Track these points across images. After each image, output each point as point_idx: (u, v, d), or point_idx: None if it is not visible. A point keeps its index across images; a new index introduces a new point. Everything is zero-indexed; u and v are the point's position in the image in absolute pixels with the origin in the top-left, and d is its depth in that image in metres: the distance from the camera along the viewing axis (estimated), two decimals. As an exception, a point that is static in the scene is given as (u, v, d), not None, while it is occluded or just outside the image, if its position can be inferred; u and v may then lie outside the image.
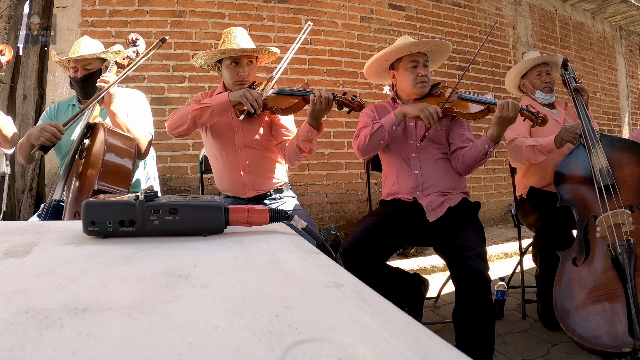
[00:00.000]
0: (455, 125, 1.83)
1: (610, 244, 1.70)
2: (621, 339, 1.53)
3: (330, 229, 0.65)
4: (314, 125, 1.64)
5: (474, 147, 1.72)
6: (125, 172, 1.62)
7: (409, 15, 4.01)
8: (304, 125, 1.66)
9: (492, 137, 1.68)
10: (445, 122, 1.84)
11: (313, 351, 0.25)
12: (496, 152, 4.43)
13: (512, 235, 3.52)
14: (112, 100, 1.65)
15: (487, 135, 1.69)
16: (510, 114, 1.62)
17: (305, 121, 1.65)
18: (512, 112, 1.61)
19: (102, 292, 0.35)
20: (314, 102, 1.59)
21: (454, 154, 1.79)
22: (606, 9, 5.60)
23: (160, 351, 0.25)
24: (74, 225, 0.63)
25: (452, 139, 1.82)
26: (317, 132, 1.65)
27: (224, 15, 3.34)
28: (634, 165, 1.84)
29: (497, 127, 1.66)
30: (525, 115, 1.69)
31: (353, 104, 1.64)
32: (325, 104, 1.59)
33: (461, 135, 1.81)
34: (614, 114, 5.92)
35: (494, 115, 1.67)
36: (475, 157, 1.71)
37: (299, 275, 0.41)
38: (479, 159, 1.71)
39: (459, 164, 1.77)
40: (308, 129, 1.64)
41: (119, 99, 1.69)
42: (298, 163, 1.82)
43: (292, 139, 1.77)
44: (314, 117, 1.62)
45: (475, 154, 1.71)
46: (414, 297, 1.93)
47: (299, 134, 1.69)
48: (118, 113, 1.68)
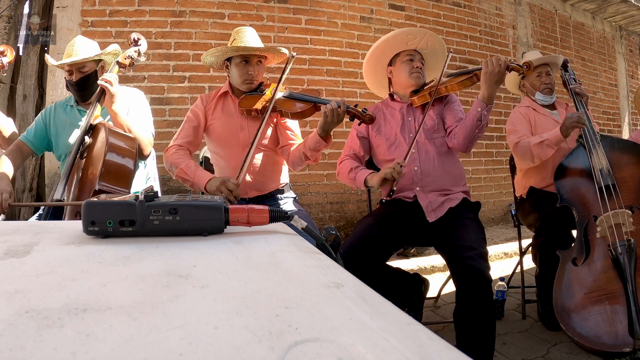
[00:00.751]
0: (448, 110, 1.85)
1: (610, 244, 1.70)
2: (621, 338, 1.53)
3: (330, 229, 0.65)
4: (323, 137, 1.63)
5: (468, 115, 1.70)
6: (126, 172, 1.62)
7: (409, 15, 4.01)
8: (313, 135, 1.66)
9: (483, 99, 1.64)
10: (439, 109, 1.86)
11: (313, 351, 0.25)
12: (496, 152, 4.45)
13: (512, 235, 3.52)
14: (114, 100, 1.64)
15: (479, 97, 1.65)
16: (496, 69, 1.59)
17: (315, 131, 1.64)
18: (497, 66, 1.59)
19: (102, 292, 0.35)
20: (325, 114, 1.58)
21: (451, 133, 1.78)
22: (606, 9, 5.60)
23: (160, 351, 0.25)
24: (74, 225, 0.63)
25: (447, 122, 1.82)
26: (325, 143, 1.65)
27: (224, 15, 3.34)
28: (634, 166, 1.85)
29: (486, 86, 1.62)
30: (512, 68, 1.65)
31: (364, 117, 1.64)
32: (337, 117, 1.58)
33: (455, 117, 1.81)
34: (614, 114, 5.92)
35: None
36: (470, 125, 1.67)
37: (299, 275, 0.41)
38: (474, 126, 1.67)
39: (455, 139, 1.74)
40: (317, 140, 1.64)
41: (120, 99, 1.68)
42: (300, 168, 1.83)
43: (298, 145, 1.76)
44: (324, 130, 1.61)
45: (470, 121, 1.67)
46: (414, 297, 1.93)
47: (308, 142, 1.68)
48: (119, 113, 1.67)
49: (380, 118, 1.89)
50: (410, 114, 1.86)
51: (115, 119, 1.68)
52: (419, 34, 1.85)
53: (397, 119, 1.86)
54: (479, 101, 1.65)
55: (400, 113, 1.87)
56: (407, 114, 1.86)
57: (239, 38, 1.79)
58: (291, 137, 1.81)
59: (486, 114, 1.65)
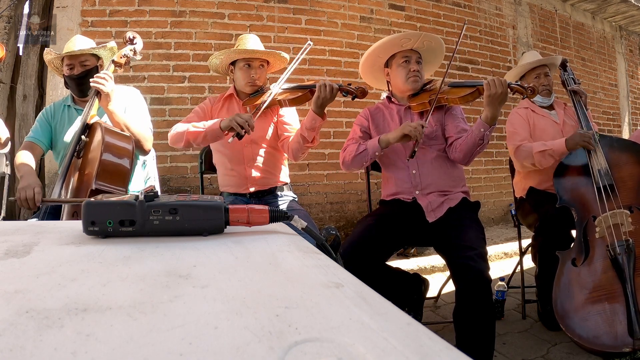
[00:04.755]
0: (449, 118, 1.82)
1: (609, 244, 1.70)
2: (621, 339, 1.53)
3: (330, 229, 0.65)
4: (318, 113, 1.68)
5: (470, 134, 1.69)
6: (123, 171, 1.61)
7: (409, 15, 4.01)
8: (308, 114, 1.71)
9: (486, 120, 1.63)
10: (439, 117, 1.83)
11: (313, 351, 0.25)
12: (496, 152, 4.45)
13: (512, 235, 3.52)
14: (110, 99, 1.64)
15: (482, 118, 1.65)
16: (499, 90, 1.58)
17: (310, 109, 1.69)
18: (500, 87, 1.58)
19: (102, 292, 0.35)
20: (319, 89, 1.65)
21: (451, 145, 1.77)
22: (606, 9, 5.60)
23: (160, 351, 0.25)
24: (74, 225, 0.63)
25: (448, 131, 1.80)
26: (321, 119, 1.69)
27: (224, 15, 3.34)
28: (633, 165, 1.85)
29: (489, 107, 1.62)
30: (515, 89, 1.65)
31: (357, 91, 1.69)
32: (330, 91, 1.64)
33: (456, 127, 1.79)
34: (614, 114, 5.92)
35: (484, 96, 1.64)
36: (472, 143, 1.67)
37: (299, 275, 0.41)
38: (476, 144, 1.67)
39: (457, 153, 1.74)
40: (312, 117, 1.69)
41: (116, 98, 1.68)
42: (302, 157, 1.84)
43: (296, 132, 1.81)
44: (318, 105, 1.66)
45: (472, 140, 1.67)
46: (414, 297, 1.93)
47: (304, 123, 1.73)
48: (116, 111, 1.67)
49: (380, 117, 1.89)
50: (408, 117, 1.85)
51: (112, 117, 1.68)
52: (413, 37, 1.82)
53: (395, 122, 1.85)
54: (483, 122, 1.64)
55: (398, 115, 1.86)
56: (404, 117, 1.84)
57: (242, 44, 1.91)
58: (289, 129, 1.88)
59: (488, 134, 1.66)
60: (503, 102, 1.61)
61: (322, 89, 1.64)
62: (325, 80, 1.66)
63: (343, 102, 3.58)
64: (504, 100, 1.61)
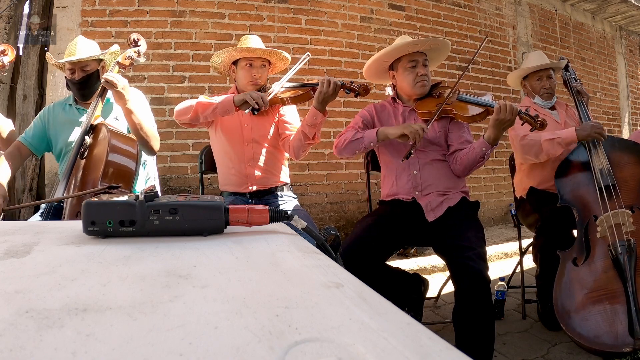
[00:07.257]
0: (454, 127, 1.82)
1: (610, 244, 1.70)
2: (621, 338, 1.53)
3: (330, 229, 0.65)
4: (319, 109, 1.68)
5: (471, 150, 1.70)
6: (128, 173, 1.62)
7: (409, 15, 4.01)
8: (310, 110, 1.71)
9: (489, 140, 1.66)
10: (444, 124, 1.82)
11: (313, 351, 0.25)
12: (496, 152, 4.44)
13: (512, 235, 3.52)
14: (125, 97, 1.59)
15: (485, 137, 1.67)
16: (508, 117, 1.60)
17: (312, 106, 1.70)
18: (510, 114, 1.60)
19: (102, 292, 0.35)
20: (321, 84, 1.65)
21: (452, 155, 1.78)
22: (606, 9, 5.59)
23: (160, 351, 0.25)
24: (74, 225, 0.63)
25: (451, 140, 1.81)
26: (322, 115, 1.70)
27: (224, 15, 3.34)
28: (634, 165, 1.85)
29: (494, 130, 1.64)
30: (524, 119, 1.67)
31: (359, 89, 1.70)
32: (332, 87, 1.65)
33: (460, 137, 1.79)
34: (614, 114, 5.92)
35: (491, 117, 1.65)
36: (472, 159, 1.69)
37: (299, 276, 0.41)
38: (476, 161, 1.69)
39: (456, 166, 1.76)
40: (314, 113, 1.69)
41: (132, 95, 1.64)
42: (303, 154, 1.84)
43: (297, 130, 1.82)
44: (320, 101, 1.67)
45: (473, 157, 1.69)
46: (414, 297, 1.93)
47: (305, 119, 1.74)
48: (135, 110, 1.64)
49: (386, 114, 1.88)
50: (412, 119, 1.84)
51: (130, 117, 1.64)
52: (420, 43, 1.80)
53: (399, 122, 1.85)
54: (485, 142, 1.66)
55: (402, 116, 1.86)
56: (408, 119, 1.84)
57: (244, 44, 1.92)
58: (290, 129, 1.89)
59: (489, 153, 1.68)
60: (508, 127, 1.66)
61: (324, 85, 1.65)
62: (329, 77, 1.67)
63: (343, 102, 3.58)
64: (509, 126, 1.65)
